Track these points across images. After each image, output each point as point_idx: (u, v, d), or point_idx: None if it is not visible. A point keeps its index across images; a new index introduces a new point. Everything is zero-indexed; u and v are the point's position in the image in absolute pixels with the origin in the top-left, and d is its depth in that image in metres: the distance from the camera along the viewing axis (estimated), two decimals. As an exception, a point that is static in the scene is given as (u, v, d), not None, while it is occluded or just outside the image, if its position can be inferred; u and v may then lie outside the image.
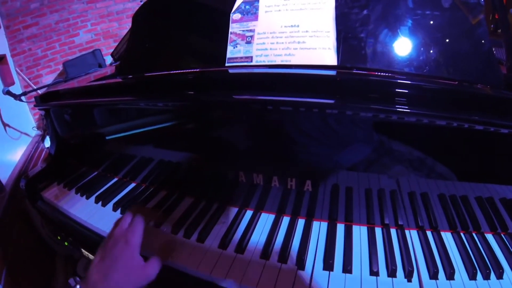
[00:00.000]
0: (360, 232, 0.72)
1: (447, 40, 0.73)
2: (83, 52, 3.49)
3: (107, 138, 0.97)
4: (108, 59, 2.43)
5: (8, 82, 2.91)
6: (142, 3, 1.08)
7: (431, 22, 0.75)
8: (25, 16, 3.33)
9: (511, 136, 0.58)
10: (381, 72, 0.73)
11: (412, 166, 0.66)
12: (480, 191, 0.66)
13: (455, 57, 0.72)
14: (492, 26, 1.00)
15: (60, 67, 3.49)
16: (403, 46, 0.74)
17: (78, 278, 0.55)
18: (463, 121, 0.59)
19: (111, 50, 1.71)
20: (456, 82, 0.69)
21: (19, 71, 3.30)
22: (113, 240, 0.58)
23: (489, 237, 0.70)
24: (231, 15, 0.86)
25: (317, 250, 0.68)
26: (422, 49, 0.73)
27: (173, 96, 0.79)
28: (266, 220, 0.77)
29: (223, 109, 0.76)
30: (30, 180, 1.04)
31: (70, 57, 3.48)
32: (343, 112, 0.65)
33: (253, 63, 0.80)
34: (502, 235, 0.70)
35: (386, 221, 0.73)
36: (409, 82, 0.64)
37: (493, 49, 0.72)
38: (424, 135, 0.63)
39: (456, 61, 0.72)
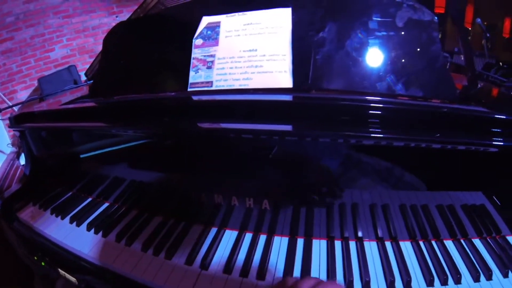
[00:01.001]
0: (319, 246, 0.74)
1: (403, 58, 0.77)
2: (59, 68, 3.47)
3: (81, 157, 0.99)
4: (84, 75, 2.44)
5: (-18, 98, 2.86)
6: (118, 18, 1.12)
7: (387, 42, 0.78)
8: (0, 30, 3.28)
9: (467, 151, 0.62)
10: (339, 94, 0.77)
11: (376, 179, 0.68)
12: (441, 199, 0.69)
13: (411, 73, 0.75)
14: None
15: (35, 82, 3.44)
16: (358, 66, 0.78)
17: None
18: (420, 142, 0.62)
19: (87, 66, 1.72)
20: (411, 99, 0.72)
21: (-7, 86, 3.25)
22: None
23: (449, 243, 0.72)
24: (193, 40, 0.89)
25: (277, 264, 0.71)
26: (378, 68, 0.77)
27: (142, 124, 0.83)
28: (229, 237, 0.80)
29: (188, 136, 0.79)
30: (6, 201, 1.04)
31: (45, 73, 3.45)
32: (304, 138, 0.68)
33: (213, 87, 0.84)
34: (461, 241, 0.72)
35: (346, 234, 0.75)
36: (371, 104, 0.68)
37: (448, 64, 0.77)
38: (387, 150, 0.65)
39: (413, 77, 0.75)
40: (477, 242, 0.73)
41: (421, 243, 0.73)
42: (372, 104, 0.68)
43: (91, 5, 3.58)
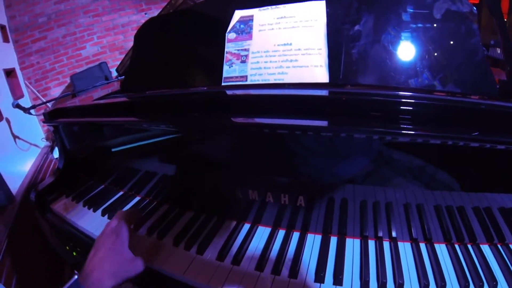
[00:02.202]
0: (353, 245, 0.73)
1: (440, 52, 0.73)
2: (90, 65, 3.59)
3: (112, 151, 1.00)
4: (114, 71, 2.51)
5: (18, 95, 2.99)
6: (146, 15, 1.13)
7: (424, 35, 0.75)
8: (33, 30, 3.44)
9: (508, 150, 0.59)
10: (374, 89, 0.74)
11: (409, 177, 0.66)
12: (478, 201, 0.66)
13: (448, 68, 0.72)
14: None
15: (68, 79, 3.58)
16: (395, 60, 0.75)
17: (76, 271, 0.60)
18: (458, 140, 0.59)
19: (117, 62, 1.77)
20: (451, 96, 0.69)
21: (28, 84, 3.40)
22: (105, 236, 0.66)
23: (485, 248, 0.69)
24: (226, 34, 0.89)
25: (310, 263, 0.70)
26: (414, 62, 0.74)
27: (174, 119, 0.83)
28: (262, 233, 0.79)
29: (222, 131, 0.78)
30: (40, 193, 1.08)
31: (77, 70, 3.57)
32: (339, 134, 0.66)
33: (248, 82, 0.83)
34: (498, 246, 0.69)
35: (380, 234, 0.73)
36: (406, 99, 0.65)
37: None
38: (422, 147, 0.63)
39: (450, 72, 0.72)
40: (515, 248, 0.69)
41: (456, 246, 0.70)
42: (410, 100, 0.65)
43: (120, 4, 3.67)
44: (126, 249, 0.66)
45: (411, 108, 0.64)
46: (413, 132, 0.61)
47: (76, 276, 0.59)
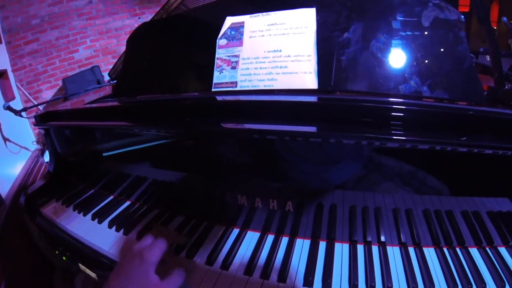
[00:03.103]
0: (342, 250, 0.74)
1: (429, 59, 0.75)
2: (82, 69, 3.58)
3: (104, 155, 1.00)
4: (107, 75, 2.51)
5: (9, 97, 2.96)
6: (140, 20, 1.14)
7: (412, 42, 0.76)
8: (26, 32, 3.41)
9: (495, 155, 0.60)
10: (363, 96, 0.75)
11: (398, 182, 0.67)
12: (466, 205, 0.67)
13: (437, 75, 0.73)
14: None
15: (60, 82, 3.56)
16: (383, 67, 0.76)
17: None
18: (445, 145, 0.60)
19: (110, 66, 1.76)
20: (440, 102, 0.70)
21: (19, 86, 3.37)
22: (130, 257, 0.58)
23: (474, 251, 0.70)
24: (217, 41, 0.89)
25: (299, 267, 0.70)
26: (403, 69, 0.75)
27: (165, 124, 0.83)
28: (251, 238, 0.79)
29: (212, 136, 0.79)
30: (30, 196, 1.08)
31: (69, 73, 3.56)
32: (328, 139, 0.67)
33: (238, 88, 0.84)
34: (487, 248, 0.70)
35: (369, 239, 0.74)
36: (394, 106, 0.66)
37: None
38: (410, 153, 0.64)
39: (439, 79, 0.73)
40: (503, 250, 0.71)
41: (445, 250, 0.71)
42: (397, 106, 0.67)
43: (114, 7, 3.68)
44: (152, 274, 0.57)
45: (399, 114, 0.65)
46: (401, 138, 0.62)
47: None
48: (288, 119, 0.71)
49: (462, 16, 0.76)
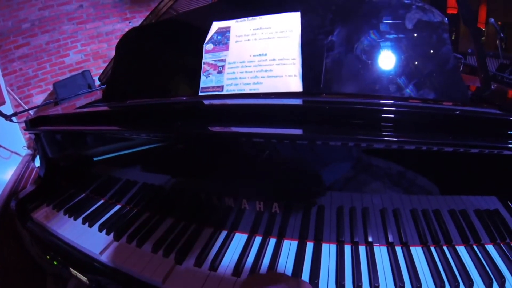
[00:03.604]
0: (329, 250, 0.74)
1: (413, 61, 0.75)
2: (73, 73, 3.57)
3: (94, 160, 1.01)
4: (97, 80, 2.51)
5: (-1, 102, 2.94)
6: (131, 24, 1.14)
7: (396, 44, 0.77)
8: (17, 36, 3.39)
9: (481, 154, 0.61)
10: (347, 97, 0.76)
11: (386, 183, 0.68)
12: (454, 203, 0.67)
13: (421, 76, 0.74)
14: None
15: (51, 87, 3.54)
16: (368, 69, 0.77)
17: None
18: (431, 145, 0.61)
19: (101, 71, 1.77)
20: (423, 103, 0.71)
21: (10, 90, 3.33)
22: None
23: (461, 249, 0.71)
24: (204, 45, 0.90)
25: (286, 268, 0.71)
26: (387, 71, 0.76)
27: (154, 128, 0.84)
28: (239, 240, 0.80)
29: (199, 140, 0.80)
30: (20, 201, 1.08)
31: (60, 77, 3.54)
32: (313, 141, 0.68)
33: (224, 92, 0.85)
34: (474, 246, 0.71)
35: (356, 239, 0.75)
36: (379, 107, 0.67)
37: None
38: (396, 153, 0.65)
39: (423, 80, 0.74)
40: (490, 248, 0.71)
41: (432, 248, 0.72)
42: (382, 108, 0.68)
43: (104, 12, 3.67)
44: None
45: (384, 115, 0.66)
46: (387, 139, 0.63)
47: None
48: (274, 122, 0.72)
49: (446, 18, 0.77)
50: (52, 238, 0.94)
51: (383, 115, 0.67)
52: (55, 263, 0.94)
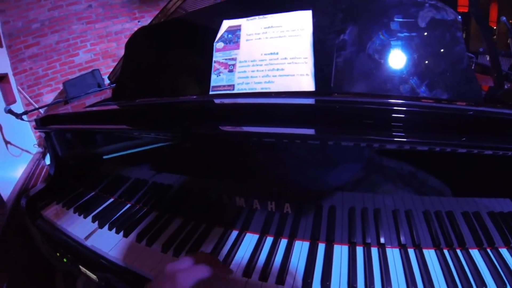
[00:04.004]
0: (341, 252, 0.73)
1: (426, 60, 0.74)
2: (83, 72, 3.60)
3: (104, 158, 1.01)
4: (107, 78, 2.53)
5: (10, 100, 2.98)
6: (140, 23, 1.14)
7: (409, 43, 0.76)
8: (27, 36, 3.44)
9: (496, 156, 0.59)
10: (359, 97, 0.75)
11: (398, 183, 0.67)
12: (467, 205, 0.66)
13: (434, 76, 0.73)
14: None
15: (61, 86, 3.58)
16: (380, 69, 0.76)
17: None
18: (445, 146, 0.60)
19: (110, 70, 1.78)
20: (437, 102, 0.70)
21: (20, 89, 3.39)
22: (163, 279, 0.51)
23: (475, 252, 0.70)
24: (214, 44, 0.90)
25: (297, 269, 0.70)
26: (400, 70, 0.74)
27: (164, 127, 0.84)
28: (250, 240, 0.80)
29: (210, 139, 0.79)
30: (31, 199, 1.09)
31: (70, 76, 3.58)
32: (325, 142, 0.66)
33: (235, 91, 0.84)
34: (488, 250, 0.70)
35: (368, 240, 0.74)
36: (391, 107, 0.66)
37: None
38: (410, 154, 0.63)
39: (436, 80, 0.72)
40: (504, 251, 0.70)
41: (445, 251, 0.71)
42: (395, 108, 0.66)
43: (113, 11, 3.70)
44: None
45: (397, 115, 0.65)
46: (399, 139, 0.61)
47: None
48: (286, 122, 0.71)
49: (459, 17, 0.75)
50: (62, 235, 0.95)
51: (396, 115, 0.65)
52: (64, 260, 0.95)
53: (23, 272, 1.47)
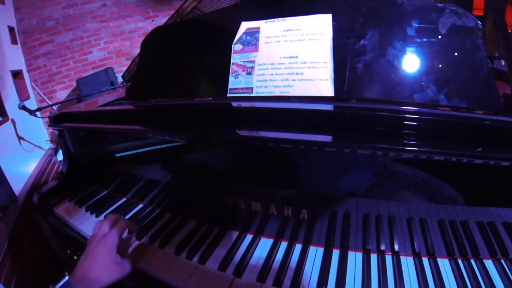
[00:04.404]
0: (355, 259, 0.72)
1: (446, 67, 0.73)
2: (96, 70, 3.63)
3: (117, 157, 1.01)
4: (120, 77, 2.55)
5: (24, 96, 3.02)
6: (153, 22, 1.14)
7: (429, 49, 0.75)
8: (41, 33, 3.49)
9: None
10: (379, 104, 0.74)
11: (413, 191, 0.65)
12: (482, 215, 0.64)
13: (453, 83, 0.72)
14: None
15: (74, 83, 3.62)
16: (400, 75, 0.75)
17: (66, 272, 0.63)
18: (460, 156, 0.58)
19: (123, 68, 1.79)
20: (456, 111, 0.69)
21: (34, 86, 3.44)
22: (96, 240, 0.70)
23: (488, 263, 0.68)
24: (232, 45, 0.89)
25: (312, 275, 0.69)
26: (419, 77, 0.74)
27: (179, 129, 0.84)
28: (264, 244, 0.79)
29: (226, 143, 0.79)
30: (43, 196, 1.09)
31: (83, 74, 3.62)
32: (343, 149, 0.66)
33: (253, 94, 0.83)
34: (502, 261, 0.68)
35: (382, 248, 0.72)
36: (410, 115, 0.65)
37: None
38: (425, 163, 0.62)
39: (455, 87, 0.71)
40: (518, 263, 0.68)
41: (459, 261, 0.69)
42: (414, 116, 0.65)
43: (127, 10, 3.73)
44: (114, 252, 0.69)
45: (416, 123, 0.64)
46: (417, 149, 0.60)
47: (67, 277, 0.62)
48: (303, 128, 0.70)
49: (480, 23, 0.74)
50: (73, 233, 0.95)
51: (412, 123, 0.64)
52: (75, 257, 0.95)
53: (33, 267, 1.48)
